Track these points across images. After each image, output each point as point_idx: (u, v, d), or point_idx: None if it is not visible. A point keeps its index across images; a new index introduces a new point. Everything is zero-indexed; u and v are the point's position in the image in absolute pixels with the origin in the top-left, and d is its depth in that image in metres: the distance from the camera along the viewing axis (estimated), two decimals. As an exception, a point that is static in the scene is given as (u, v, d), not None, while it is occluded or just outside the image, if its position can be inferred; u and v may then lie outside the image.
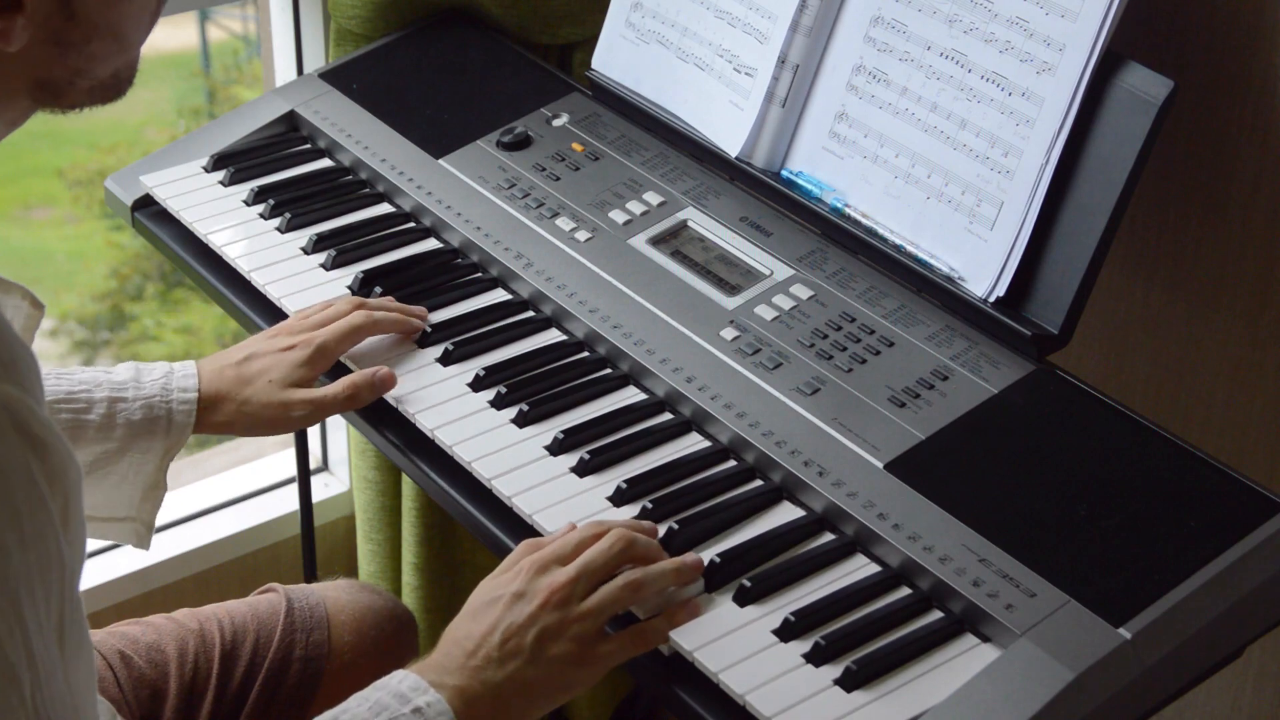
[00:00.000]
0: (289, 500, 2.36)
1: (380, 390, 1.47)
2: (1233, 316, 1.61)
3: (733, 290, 1.54)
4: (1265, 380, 1.60)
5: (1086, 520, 1.28)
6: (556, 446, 1.42)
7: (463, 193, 1.71)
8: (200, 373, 1.48)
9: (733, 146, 1.65)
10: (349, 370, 1.50)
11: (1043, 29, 1.44)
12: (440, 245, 1.69)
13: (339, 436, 2.40)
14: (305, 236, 1.69)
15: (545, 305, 1.58)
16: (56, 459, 0.94)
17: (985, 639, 1.23)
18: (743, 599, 1.26)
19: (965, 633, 1.24)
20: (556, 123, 1.78)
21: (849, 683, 1.19)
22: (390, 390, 1.47)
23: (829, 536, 1.33)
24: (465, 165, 1.74)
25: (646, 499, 1.35)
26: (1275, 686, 1.68)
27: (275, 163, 1.81)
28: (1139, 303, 1.68)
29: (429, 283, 1.63)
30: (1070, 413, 1.39)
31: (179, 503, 2.32)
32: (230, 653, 1.52)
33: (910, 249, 1.52)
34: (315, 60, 2.12)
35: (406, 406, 1.47)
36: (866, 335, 1.47)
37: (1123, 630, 1.20)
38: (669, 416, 1.46)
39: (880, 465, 1.35)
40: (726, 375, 1.46)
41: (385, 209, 1.75)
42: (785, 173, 1.63)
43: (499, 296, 1.62)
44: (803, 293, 1.52)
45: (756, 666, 1.21)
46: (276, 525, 2.35)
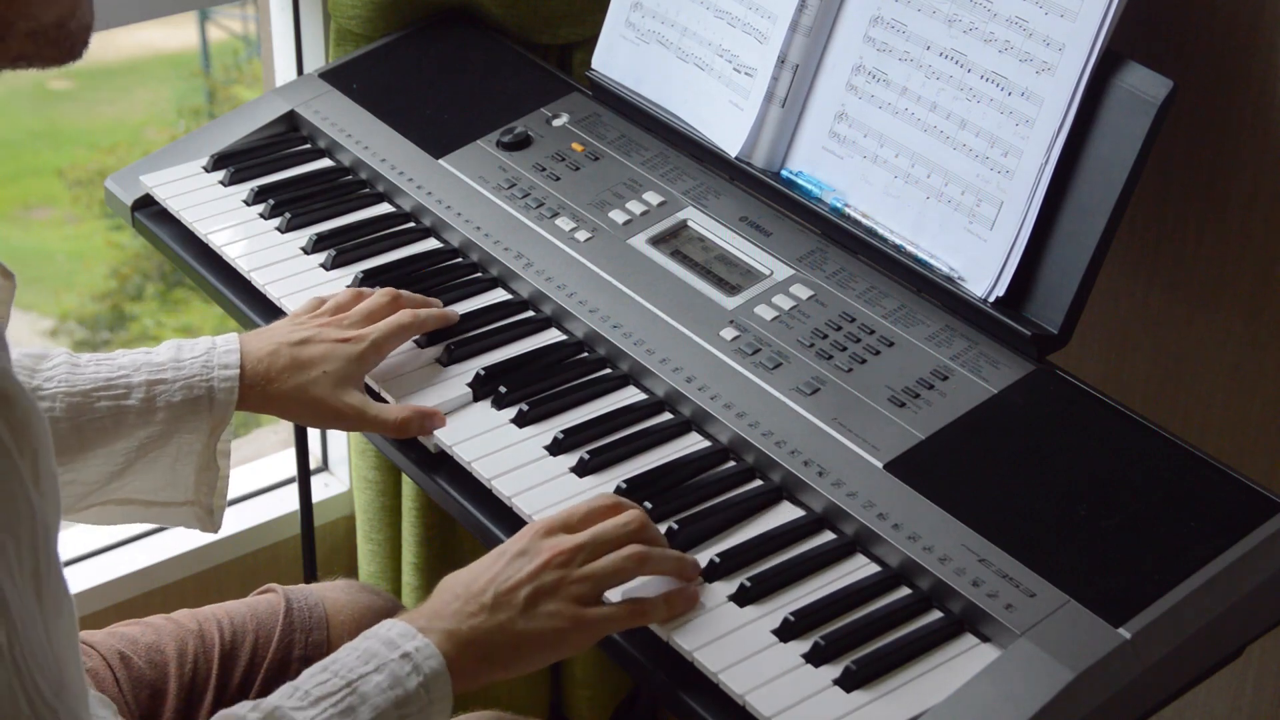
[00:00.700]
0: (289, 500, 2.36)
1: (426, 430, 1.44)
2: (1233, 316, 1.61)
3: (733, 290, 1.54)
4: (1265, 380, 1.60)
5: (1086, 520, 1.28)
6: (556, 446, 1.42)
7: (463, 193, 1.71)
8: (246, 349, 1.44)
9: (733, 146, 1.65)
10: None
11: (1042, 29, 1.44)
12: (440, 245, 1.69)
13: (339, 437, 2.40)
14: (305, 236, 1.69)
15: (545, 305, 1.58)
16: (20, 411, 0.93)
17: (985, 639, 1.23)
18: (743, 599, 1.26)
19: (965, 633, 1.24)
20: (556, 123, 1.78)
21: (849, 683, 1.19)
22: (437, 429, 1.44)
23: (829, 536, 1.33)
24: (465, 165, 1.74)
25: (646, 499, 1.35)
26: (1275, 686, 1.68)
27: (275, 163, 1.81)
28: (1139, 303, 1.68)
29: (429, 283, 1.63)
30: (1070, 413, 1.39)
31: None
32: (229, 653, 1.52)
33: (910, 249, 1.52)
34: (315, 60, 2.12)
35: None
36: (866, 335, 1.47)
37: (1123, 630, 1.20)
38: (669, 416, 1.46)
39: (880, 465, 1.35)
40: (726, 375, 1.46)
41: (385, 209, 1.75)
42: (785, 173, 1.63)
43: (499, 296, 1.62)
44: (803, 293, 1.52)
45: (756, 666, 1.21)
46: (276, 525, 2.35)
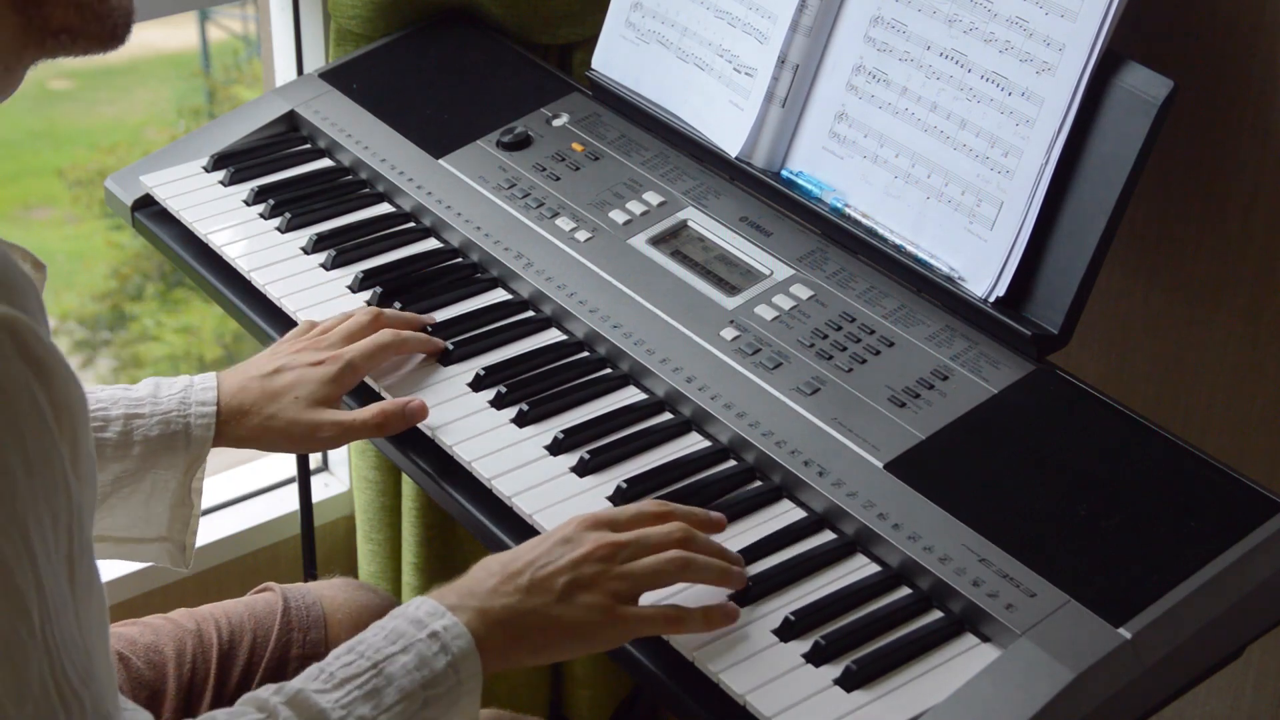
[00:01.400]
0: (289, 500, 2.36)
1: (411, 421, 1.43)
2: (1233, 317, 1.61)
3: (733, 290, 1.54)
4: (1265, 380, 1.60)
5: (1086, 520, 1.28)
6: (556, 446, 1.42)
7: (463, 193, 1.71)
8: (222, 385, 1.45)
9: (733, 146, 1.65)
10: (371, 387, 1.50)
11: (1042, 29, 1.44)
12: (440, 245, 1.69)
13: (339, 436, 2.40)
14: (305, 236, 1.69)
15: (545, 305, 1.58)
16: (61, 384, 0.92)
17: (985, 639, 1.23)
18: (743, 599, 1.26)
19: (965, 633, 1.24)
20: (556, 123, 1.78)
21: (849, 683, 1.19)
22: (421, 421, 1.44)
23: (829, 536, 1.33)
24: (465, 165, 1.74)
25: (647, 499, 1.35)
26: (1275, 686, 1.68)
27: (275, 163, 1.81)
28: (1139, 303, 1.68)
29: (429, 283, 1.63)
30: (1070, 413, 1.39)
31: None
32: (228, 652, 1.52)
33: (910, 249, 1.52)
34: (315, 60, 2.12)
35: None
36: (866, 335, 1.47)
37: (1123, 630, 1.20)
38: (669, 416, 1.46)
39: (880, 465, 1.35)
40: (726, 375, 1.46)
41: (385, 209, 1.75)
42: (785, 173, 1.63)
43: (499, 296, 1.62)
44: (803, 293, 1.52)
45: (756, 666, 1.21)
46: (276, 525, 2.35)
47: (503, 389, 1.47)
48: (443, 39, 1.93)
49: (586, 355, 1.53)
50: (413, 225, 1.72)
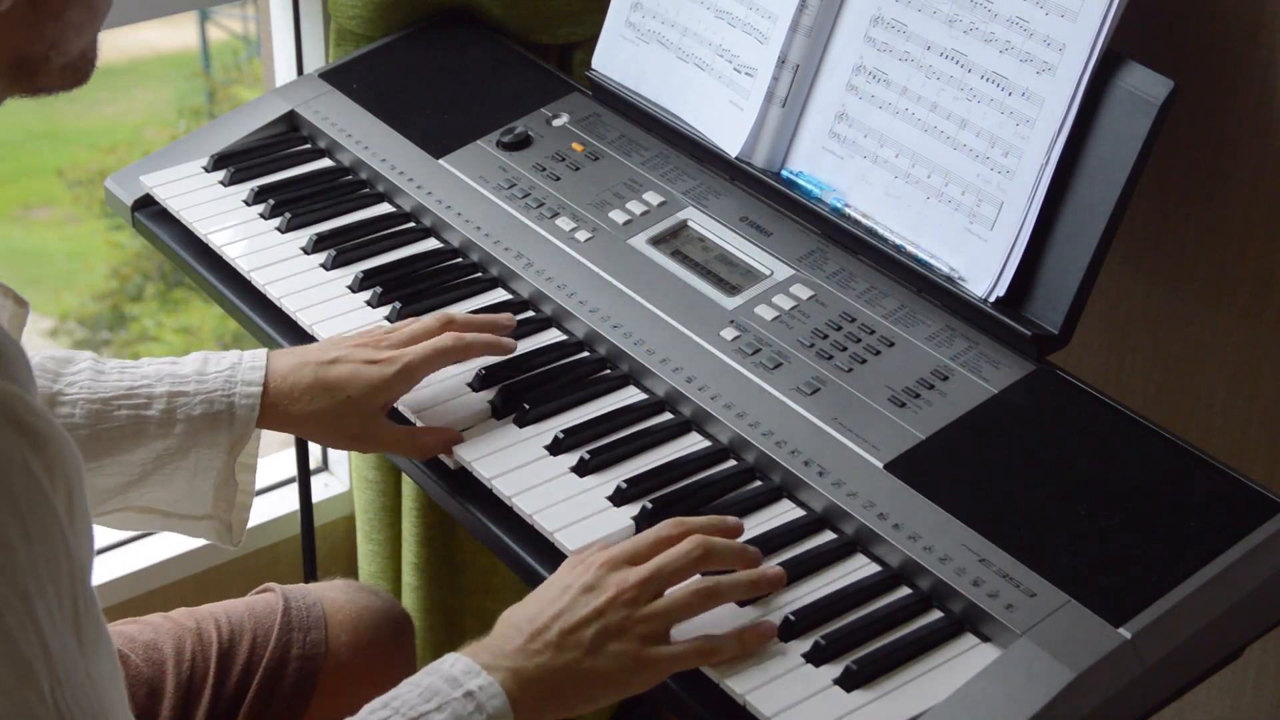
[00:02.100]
0: (289, 500, 2.36)
1: (448, 449, 1.41)
2: (1233, 316, 1.61)
3: (733, 290, 1.54)
4: (1265, 380, 1.60)
5: (1086, 520, 1.28)
6: (556, 446, 1.42)
7: (463, 193, 1.71)
8: (273, 365, 1.42)
9: (733, 146, 1.65)
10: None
11: (1043, 29, 1.44)
12: (440, 245, 1.69)
13: (339, 436, 2.40)
14: (305, 236, 1.69)
15: (545, 305, 1.58)
16: (54, 450, 0.93)
17: (985, 639, 1.23)
18: (743, 601, 1.26)
19: (965, 632, 1.24)
20: (556, 123, 1.78)
21: (849, 683, 1.19)
22: (454, 445, 1.42)
23: (829, 536, 1.33)
24: (465, 165, 1.74)
25: (646, 499, 1.35)
26: (1275, 686, 1.68)
27: (275, 163, 1.81)
28: (1139, 302, 1.68)
29: (429, 283, 1.63)
30: (1070, 413, 1.39)
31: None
32: (227, 652, 1.51)
33: (910, 249, 1.52)
34: (315, 60, 2.12)
35: (406, 408, 1.47)
36: (866, 335, 1.47)
37: (1123, 630, 1.20)
38: (669, 416, 1.46)
39: (880, 465, 1.35)
40: (726, 375, 1.46)
41: (385, 209, 1.75)
42: (785, 173, 1.63)
43: (499, 296, 1.62)
44: (803, 293, 1.52)
45: (756, 666, 1.21)
46: (276, 525, 2.35)
47: (503, 390, 1.47)
48: (443, 39, 1.93)
49: (586, 355, 1.53)
50: (413, 225, 1.72)
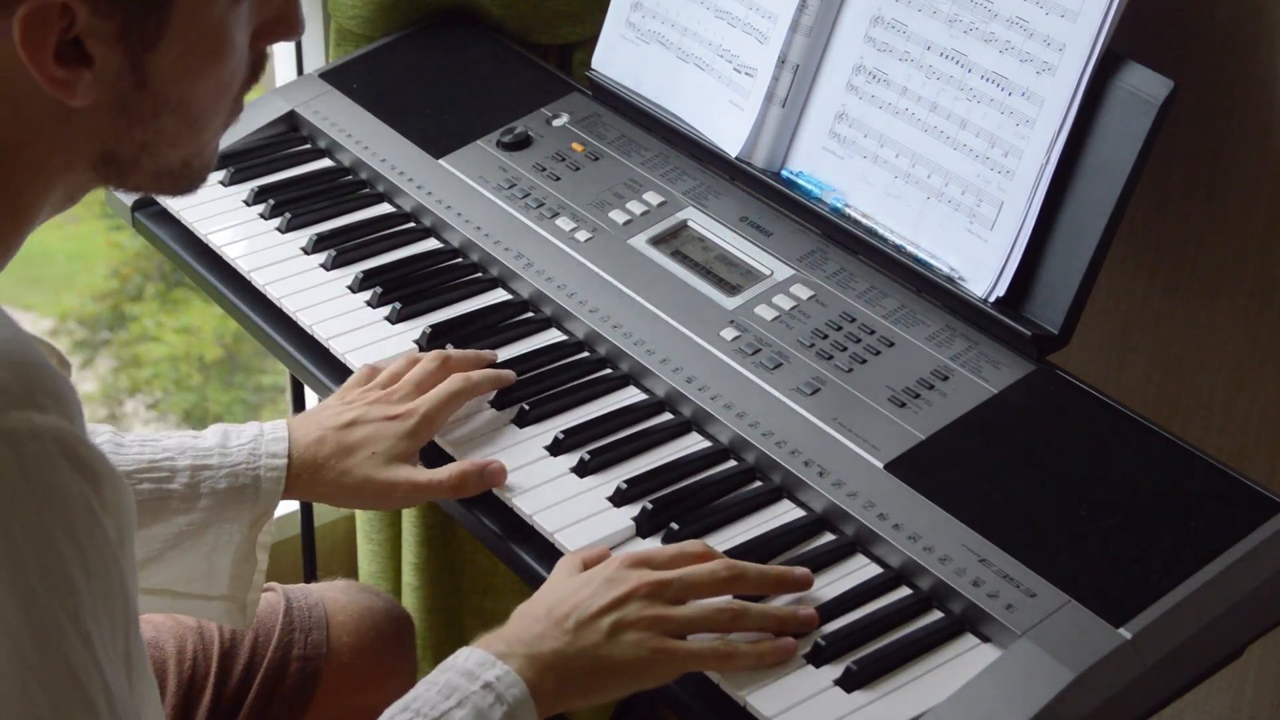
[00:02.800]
0: (289, 500, 2.35)
1: (489, 484, 1.38)
2: (1233, 316, 1.61)
3: (733, 290, 1.54)
4: (1265, 380, 1.60)
5: (1086, 520, 1.28)
6: (556, 447, 1.42)
7: (463, 193, 1.71)
8: (294, 435, 1.40)
9: (733, 146, 1.65)
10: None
11: (1043, 29, 1.44)
12: (440, 245, 1.69)
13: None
14: (305, 236, 1.69)
15: (545, 305, 1.58)
16: (110, 488, 0.94)
17: (985, 639, 1.23)
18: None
19: (965, 633, 1.24)
20: (556, 123, 1.78)
21: (849, 683, 1.19)
22: (500, 484, 1.39)
23: (829, 537, 1.33)
24: (465, 165, 1.74)
25: (646, 499, 1.35)
26: (1275, 686, 1.68)
27: (275, 163, 1.81)
28: (1139, 302, 1.68)
29: (429, 283, 1.63)
30: (1070, 413, 1.39)
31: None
32: (229, 651, 1.51)
33: (910, 249, 1.52)
34: (315, 60, 2.12)
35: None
36: (866, 335, 1.47)
37: (1123, 630, 1.20)
38: (669, 416, 1.46)
39: (880, 465, 1.35)
40: (726, 375, 1.46)
41: (385, 209, 1.75)
42: (785, 173, 1.63)
43: (499, 296, 1.62)
44: (803, 293, 1.52)
45: (756, 666, 1.21)
46: (276, 525, 2.33)
47: (502, 391, 1.47)
48: (443, 39, 1.93)
49: (586, 355, 1.53)
50: (413, 225, 1.72)
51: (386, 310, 1.59)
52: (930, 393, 1.41)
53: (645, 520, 1.33)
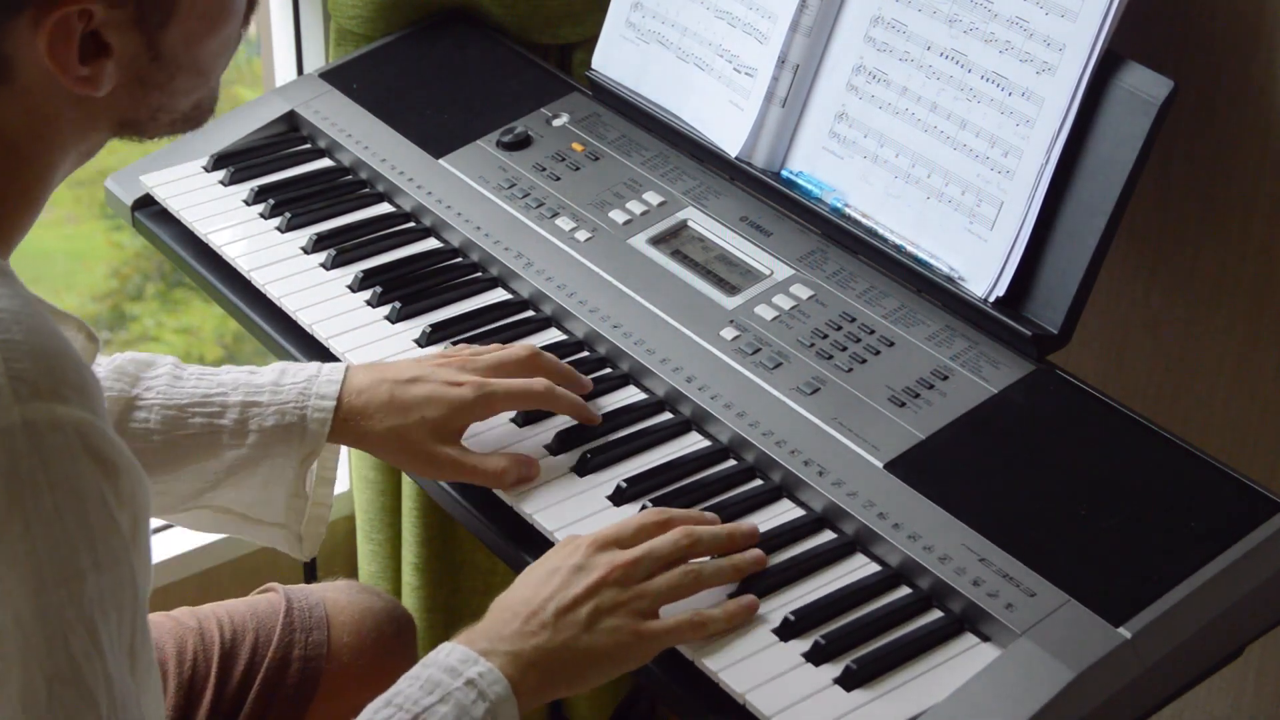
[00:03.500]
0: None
1: (527, 479, 1.38)
2: (1233, 316, 1.61)
3: (733, 290, 1.54)
4: (1265, 380, 1.60)
5: (1086, 520, 1.28)
6: (556, 446, 1.42)
7: (463, 193, 1.71)
8: (349, 380, 1.39)
9: (733, 146, 1.65)
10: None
11: (1043, 29, 1.44)
12: (440, 245, 1.69)
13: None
14: (305, 236, 1.69)
15: (545, 305, 1.58)
16: (127, 482, 0.95)
17: (985, 638, 1.23)
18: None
19: (965, 632, 1.24)
20: (556, 123, 1.78)
21: (849, 682, 1.19)
22: (531, 482, 1.38)
23: (829, 536, 1.33)
24: (465, 165, 1.74)
25: (646, 498, 1.35)
26: (1275, 686, 1.68)
27: (275, 162, 1.81)
28: (1139, 303, 1.68)
29: (429, 282, 1.63)
30: (1070, 413, 1.39)
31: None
32: (229, 652, 1.51)
33: (910, 249, 1.52)
34: (315, 60, 2.12)
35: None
36: (866, 335, 1.47)
37: (1123, 630, 1.20)
38: (669, 416, 1.46)
39: (880, 465, 1.35)
40: (726, 375, 1.46)
41: (385, 209, 1.75)
42: (785, 173, 1.63)
43: (499, 296, 1.62)
44: (803, 292, 1.52)
45: (756, 666, 1.21)
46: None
47: (503, 389, 1.47)
48: (443, 39, 1.93)
49: (586, 355, 1.53)
50: (413, 225, 1.72)
51: (386, 310, 1.59)
52: (930, 392, 1.41)
53: (645, 520, 1.33)
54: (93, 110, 1.03)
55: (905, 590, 1.28)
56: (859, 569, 1.30)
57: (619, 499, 1.36)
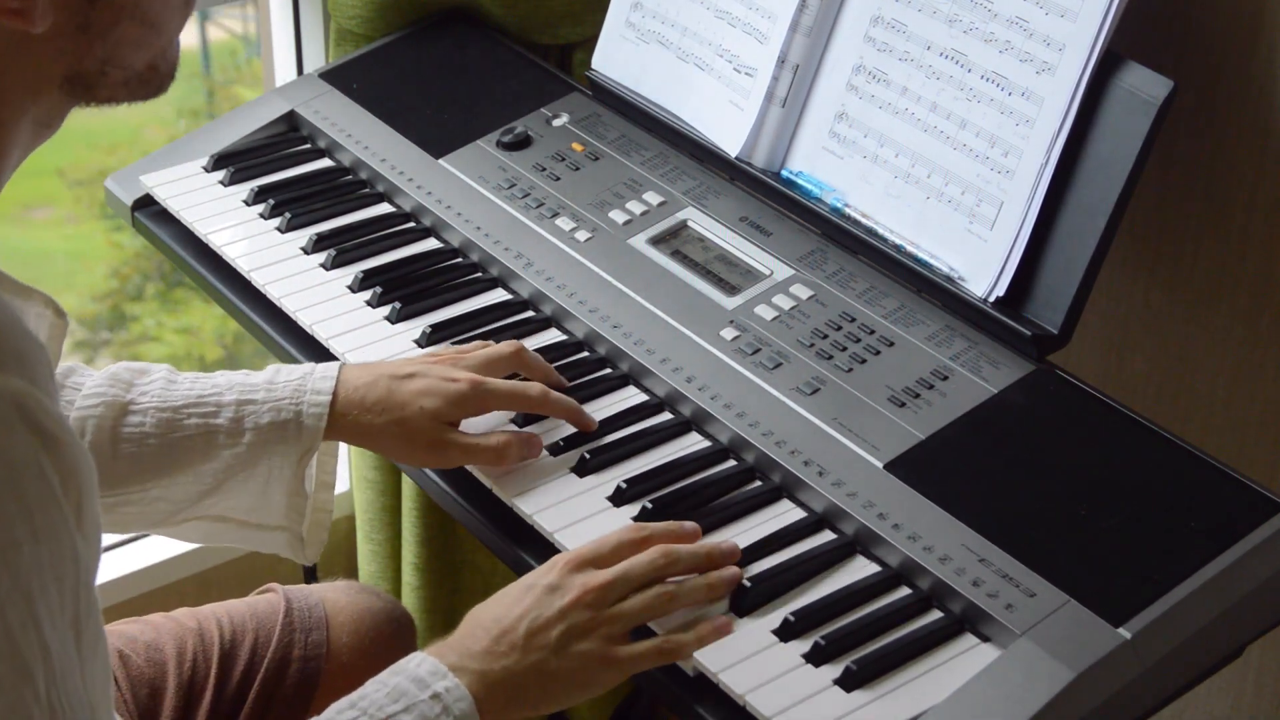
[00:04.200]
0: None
1: (527, 456, 1.39)
2: (1233, 316, 1.61)
3: (733, 290, 1.54)
4: (1265, 380, 1.60)
5: (1086, 520, 1.28)
6: (557, 447, 1.42)
7: (463, 193, 1.71)
8: (344, 376, 1.40)
9: (733, 146, 1.65)
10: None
11: (1043, 29, 1.44)
12: (440, 245, 1.69)
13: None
14: (305, 236, 1.69)
15: (545, 305, 1.58)
16: (68, 454, 0.93)
17: (985, 639, 1.23)
18: (742, 600, 1.26)
19: (965, 633, 1.24)
20: (556, 123, 1.78)
21: (849, 683, 1.19)
22: (535, 456, 1.40)
23: (829, 536, 1.33)
24: (465, 165, 1.74)
25: (646, 499, 1.35)
26: (1275, 686, 1.68)
27: (275, 163, 1.81)
28: (1139, 303, 1.68)
29: (429, 283, 1.63)
30: (1070, 413, 1.39)
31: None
32: (229, 652, 1.51)
33: (910, 249, 1.52)
34: (315, 60, 2.12)
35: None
36: (866, 335, 1.47)
37: (1123, 630, 1.20)
38: (669, 416, 1.46)
39: (880, 465, 1.35)
40: (726, 375, 1.46)
41: (385, 209, 1.75)
42: (785, 173, 1.63)
43: (499, 296, 1.62)
44: (803, 293, 1.52)
45: (756, 666, 1.21)
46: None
47: (503, 389, 1.47)
48: (443, 39, 1.93)
49: (586, 355, 1.53)
50: (413, 225, 1.72)
51: (386, 310, 1.59)
52: (930, 393, 1.41)
53: (645, 520, 1.33)
54: (35, 57, 0.99)
55: (905, 591, 1.28)
56: (859, 569, 1.30)
57: (619, 499, 1.36)
